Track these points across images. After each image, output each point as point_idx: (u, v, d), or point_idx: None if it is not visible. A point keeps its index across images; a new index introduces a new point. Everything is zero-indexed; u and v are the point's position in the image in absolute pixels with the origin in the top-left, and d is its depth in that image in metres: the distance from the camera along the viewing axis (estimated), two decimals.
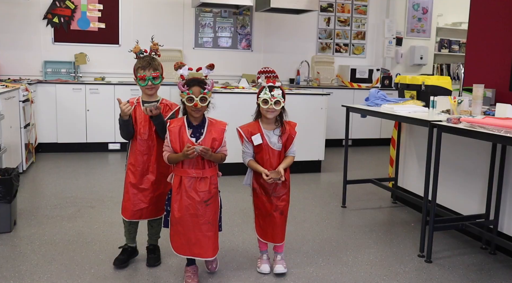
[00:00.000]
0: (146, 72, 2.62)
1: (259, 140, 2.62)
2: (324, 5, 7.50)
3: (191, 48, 6.92)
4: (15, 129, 4.67)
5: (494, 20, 3.86)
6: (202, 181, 2.47)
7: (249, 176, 2.73)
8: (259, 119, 2.70)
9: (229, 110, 4.88)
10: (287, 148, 2.68)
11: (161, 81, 2.69)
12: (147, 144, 2.67)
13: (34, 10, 6.20)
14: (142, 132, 2.66)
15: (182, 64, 2.45)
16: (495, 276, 2.80)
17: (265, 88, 2.62)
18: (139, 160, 2.68)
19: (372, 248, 3.19)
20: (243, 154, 2.69)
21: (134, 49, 2.70)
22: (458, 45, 8.32)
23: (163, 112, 2.67)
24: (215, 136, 2.49)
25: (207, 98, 2.45)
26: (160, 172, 2.71)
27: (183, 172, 2.47)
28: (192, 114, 2.47)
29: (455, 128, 2.78)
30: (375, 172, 5.38)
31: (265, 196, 2.68)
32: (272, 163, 2.64)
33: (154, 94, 2.73)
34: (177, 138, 2.45)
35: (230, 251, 3.04)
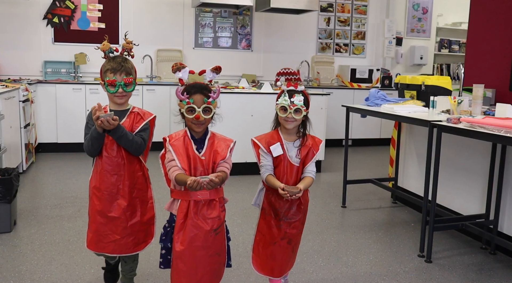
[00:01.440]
0: (116, 76, 2.18)
1: (279, 150, 2.22)
2: (324, 5, 7.50)
3: (191, 48, 6.91)
4: (15, 129, 4.67)
5: (494, 20, 3.86)
6: (211, 205, 2.01)
7: (259, 196, 2.32)
8: (278, 128, 2.28)
9: (229, 110, 4.89)
10: (305, 165, 2.24)
11: (134, 88, 2.26)
12: (116, 163, 2.21)
13: (34, 10, 6.20)
14: (109, 148, 2.20)
15: (182, 65, 2.03)
16: (495, 276, 2.80)
17: (284, 93, 2.20)
18: (106, 182, 2.21)
19: (372, 248, 3.19)
20: (261, 168, 2.25)
21: (103, 47, 2.24)
22: (458, 45, 8.32)
23: (133, 123, 2.25)
24: (218, 150, 2.05)
25: (211, 109, 2.00)
26: (134, 197, 2.25)
27: (185, 195, 1.99)
28: (193, 128, 2.03)
29: (455, 128, 2.79)
30: (375, 172, 5.38)
31: (274, 219, 2.24)
32: (288, 181, 2.21)
33: (124, 103, 2.28)
34: (184, 154, 2.00)
35: (230, 251, 3.03)
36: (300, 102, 2.16)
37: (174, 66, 2.03)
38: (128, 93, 2.24)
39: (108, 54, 2.24)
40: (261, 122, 4.98)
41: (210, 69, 2.07)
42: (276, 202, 2.23)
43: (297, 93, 2.18)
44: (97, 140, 2.16)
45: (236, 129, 4.88)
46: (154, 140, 2.37)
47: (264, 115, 5.00)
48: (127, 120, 2.25)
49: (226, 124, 4.78)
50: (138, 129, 2.25)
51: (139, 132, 2.24)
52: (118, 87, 2.19)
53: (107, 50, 2.25)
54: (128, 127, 2.22)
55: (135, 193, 2.26)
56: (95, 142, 2.16)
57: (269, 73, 7.16)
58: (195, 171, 2.00)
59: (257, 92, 5.15)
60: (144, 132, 2.26)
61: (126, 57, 2.27)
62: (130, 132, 2.19)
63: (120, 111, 2.26)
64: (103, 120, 2.03)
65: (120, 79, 2.19)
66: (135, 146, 2.19)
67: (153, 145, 2.44)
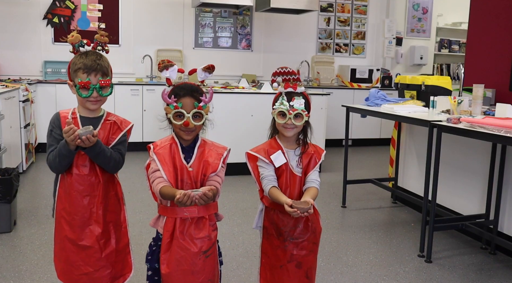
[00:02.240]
0: (91, 78, 1.80)
1: (282, 159, 1.92)
2: (324, 5, 7.50)
3: (191, 48, 6.91)
4: (15, 129, 4.67)
5: (494, 20, 3.86)
6: (199, 223, 1.75)
7: (260, 217, 2.03)
8: (275, 136, 2.00)
9: (229, 110, 4.89)
10: (307, 173, 1.99)
11: (111, 92, 1.87)
12: (88, 182, 1.85)
13: (34, 10, 6.20)
14: (81, 164, 1.84)
15: (170, 63, 1.74)
16: (495, 276, 2.80)
17: (281, 96, 1.91)
18: (77, 204, 1.85)
19: (372, 248, 3.20)
20: (263, 181, 1.92)
21: (71, 39, 1.84)
22: (458, 45, 8.32)
23: (109, 134, 1.90)
24: (209, 160, 1.78)
25: (203, 114, 1.75)
26: (108, 221, 1.91)
27: (170, 211, 1.74)
28: (181, 136, 1.78)
29: (455, 128, 2.79)
30: (375, 172, 5.38)
31: (278, 239, 1.94)
32: (292, 194, 1.94)
33: (97, 109, 1.91)
34: (170, 164, 1.75)
35: (230, 250, 3.04)
36: (300, 106, 1.88)
37: (161, 64, 1.74)
38: (104, 98, 1.87)
39: (78, 49, 1.85)
40: (261, 122, 4.97)
41: (201, 68, 1.79)
42: (279, 219, 1.93)
43: (297, 95, 1.90)
44: (67, 158, 1.79)
45: (236, 129, 4.89)
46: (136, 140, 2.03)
47: (264, 115, 4.99)
48: (102, 131, 1.88)
49: (226, 124, 4.83)
50: (115, 141, 1.90)
51: (116, 146, 1.90)
52: (92, 91, 1.81)
53: (76, 43, 1.85)
54: (103, 140, 1.87)
55: (108, 217, 1.91)
56: (64, 160, 1.79)
57: (269, 73, 7.09)
58: (182, 183, 1.75)
59: (257, 92, 5.15)
60: (122, 145, 1.92)
61: (101, 53, 1.88)
62: (107, 147, 1.85)
63: (92, 119, 1.88)
64: (84, 139, 1.69)
65: (95, 81, 1.81)
66: (113, 164, 1.86)
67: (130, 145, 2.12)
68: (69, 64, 1.86)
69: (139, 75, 6.64)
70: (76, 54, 1.86)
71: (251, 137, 5.05)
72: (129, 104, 6.02)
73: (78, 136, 1.69)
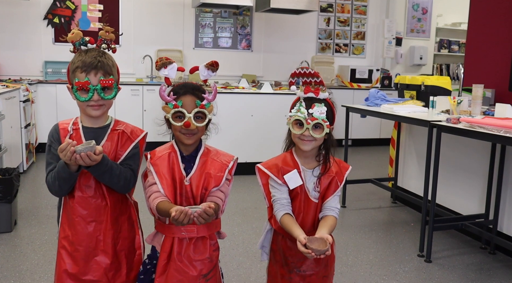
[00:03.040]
0: (90, 77, 1.54)
1: (297, 180, 1.63)
2: (324, 5, 7.51)
3: (191, 48, 6.92)
4: (15, 129, 4.68)
5: (494, 20, 3.86)
6: (199, 243, 1.57)
7: (267, 238, 1.77)
8: (292, 149, 1.71)
9: (229, 110, 4.90)
10: (326, 198, 1.67)
11: (115, 94, 1.60)
12: (94, 205, 1.60)
13: (34, 10, 6.21)
14: (84, 184, 1.59)
15: (168, 60, 1.57)
16: (495, 276, 2.81)
17: (300, 102, 1.62)
18: (81, 232, 1.59)
19: (372, 248, 3.20)
20: (274, 204, 1.65)
21: (72, 36, 1.59)
22: (457, 45, 8.33)
23: (117, 147, 1.62)
24: (211, 172, 1.57)
25: (206, 114, 1.57)
26: (119, 250, 1.65)
27: (168, 229, 1.56)
28: (181, 140, 1.58)
29: (454, 128, 2.79)
30: (375, 172, 5.38)
31: (283, 268, 1.69)
32: (305, 222, 1.66)
33: (102, 117, 1.64)
34: (168, 176, 1.56)
35: (230, 250, 3.05)
36: (321, 114, 1.58)
37: (159, 61, 1.56)
38: (107, 102, 1.59)
39: (79, 47, 1.61)
40: (261, 123, 5.01)
41: (204, 65, 1.61)
42: (286, 248, 1.68)
43: (319, 102, 1.60)
44: (68, 181, 1.53)
45: (236, 129, 4.89)
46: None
47: (264, 115, 5.03)
48: (108, 143, 1.62)
49: (226, 124, 4.83)
50: (125, 155, 1.62)
51: (126, 161, 1.62)
52: (92, 93, 1.54)
53: (77, 41, 1.60)
54: (110, 153, 1.60)
55: (119, 245, 1.65)
56: (65, 184, 1.54)
57: (269, 73, 7.17)
58: (182, 198, 1.57)
59: (257, 92, 5.16)
60: (133, 160, 1.64)
61: (104, 51, 1.65)
62: (115, 164, 1.57)
63: (97, 129, 1.63)
64: (82, 156, 1.42)
65: (95, 81, 1.54)
66: (123, 183, 1.58)
67: None
68: (68, 66, 1.62)
69: (139, 75, 6.66)
70: (77, 52, 1.62)
71: (251, 137, 5.08)
72: (129, 104, 6.02)
73: (76, 154, 1.42)
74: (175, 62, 1.58)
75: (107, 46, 1.65)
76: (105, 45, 1.65)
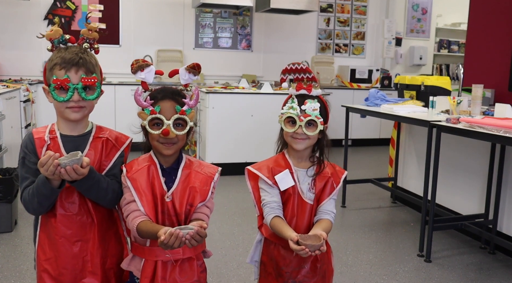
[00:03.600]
0: (70, 74, 1.36)
1: (288, 181, 1.54)
2: (323, 5, 7.51)
3: (191, 48, 6.93)
4: (16, 129, 4.68)
5: (493, 20, 3.87)
6: (185, 266, 1.43)
7: (257, 250, 1.67)
8: (284, 151, 1.63)
9: (229, 110, 4.91)
10: (320, 201, 1.57)
11: (98, 96, 1.45)
12: (79, 223, 1.43)
13: (35, 10, 6.21)
14: (67, 201, 1.42)
15: (145, 62, 1.45)
16: (494, 276, 2.81)
17: (292, 99, 1.55)
18: (65, 254, 1.42)
19: (371, 247, 3.21)
20: (264, 208, 1.55)
21: (50, 33, 1.42)
22: (457, 46, 8.34)
23: (102, 156, 1.46)
24: (196, 186, 1.42)
25: (187, 121, 1.41)
26: (109, 268, 1.50)
27: (149, 252, 1.40)
28: (160, 150, 1.41)
29: (454, 128, 2.80)
30: (375, 172, 5.39)
31: (277, 280, 1.57)
32: (299, 226, 1.56)
33: (82, 121, 1.46)
34: (148, 192, 1.39)
35: (230, 250, 3.05)
36: (315, 111, 1.52)
37: (135, 64, 1.44)
38: (89, 103, 1.42)
39: (57, 46, 1.43)
40: (261, 123, 5.01)
41: (185, 68, 1.43)
42: (280, 256, 1.55)
43: (311, 99, 1.54)
44: (50, 198, 1.35)
45: (236, 129, 4.90)
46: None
47: (264, 116, 5.03)
48: (92, 152, 1.44)
49: (226, 124, 4.84)
50: (110, 165, 1.46)
51: (112, 171, 1.46)
52: (72, 92, 1.36)
53: (56, 39, 1.42)
54: (94, 164, 1.43)
55: (108, 263, 1.49)
56: (46, 201, 1.35)
57: (269, 73, 7.17)
58: (164, 216, 1.40)
59: (257, 92, 5.17)
60: (118, 168, 1.49)
61: (86, 49, 1.47)
62: (102, 176, 1.41)
63: (77, 137, 1.45)
64: (68, 170, 1.25)
65: (76, 79, 1.37)
66: (111, 197, 1.42)
67: None
68: (45, 65, 1.43)
69: None
70: (56, 50, 1.44)
71: (251, 137, 5.09)
72: (130, 105, 5.99)
73: (60, 167, 1.24)
74: (152, 65, 1.45)
75: (89, 45, 1.46)
76: (87, 44, 1.46)
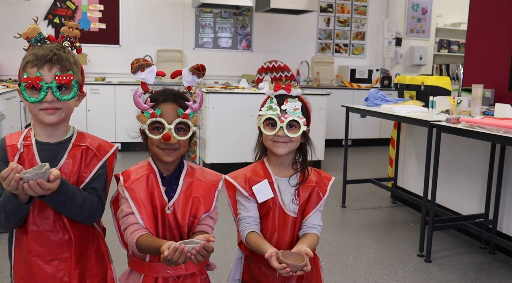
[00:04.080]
0: (43, 72, 1.23)
1: (267, 192, 1.38)
2: (323, 5, 7.51)
3: (191, 48, 6.93)
4: (16, 129, 4.68)
5: (493, 20, 3.87)
6: (188, 281, 1.34)
7: (238, 269, 1.51)
8: (264, 158, 1.49)
9: (229, 110, 4.91)
10: (306, 214, 1.43)
11: (75, 95, 1.28)
12: (54, 240, 1.29)
13: (35, 10, 6.21)
14: (40, 216, 1.28)
15: (146, 62, 1.33)
16: (494, 276, 2.81)
17: (270, 99, 1.43)
18: (39, 273, 1.29)
19: (371, 247, 3.21)
20: (240, 224, 1.42)
21: (27, 32, 1.33)
22: (457, 46, 8.34)
23: (81, 167, 1.32)
24: (200, 195, 1.33)
25: (189, 126, 1.30)
26: None
27: (149, 268, 1.31)
28: (160, 157, 1.31)
29: (454, 128, 2.80)
30: (375, 172, 5.39)
31: None
32: (281, 241, 1.41)
33: (59, 125, 1.31)
34: (148, 203, 1.29)
35: (230, 250, 3.05)
36: (296, 110, 1.36)
37: (135, 63, 1.32)
38: (65, 105, 1.26)
39: (33, 43, 1.32)
40: None
41: (188, 69, 1.32)
42: (261, 275, 1.41)
43: (291, 98, 1.40)
44: (17, 214, 1.21)
45: (236, 129, 4.90)
46: None
47: None
48: (69, 162, 1.30)
49: (226, 124, 4.84)
50: (90, 177, 1.32)
51: (91, 184, 1.32)
52: (45, 92, 1.22)
53: (33, 38, 1.30)
54: (72, 176, 1.29)
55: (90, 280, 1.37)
56: (14, 216, 1.22)
57: None
58: (165, 229, 1.30)
59: (257, 92, 5.16)
60: (99, 181, 1.34)
61: (65, 46, 1.33)
62: (77, 189, 1.27)
63: (54, 145, 1.31)
64: (31, 185, 1.11)
65: (49, 77, 1.23)
66: (88, 213, 1.28)
67: None
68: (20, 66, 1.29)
69: None
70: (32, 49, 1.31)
71: (251, 137, 5.06)
72: (130, 105, 6.01)
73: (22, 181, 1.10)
74: (153, 65, 1.33)
75: (70, 44, 1.33)
76: (67, 42, 1.32)
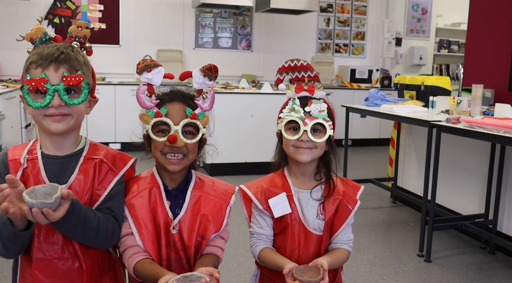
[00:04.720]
0: (48, 73, 1.08)
1: (284, 207, 1.26)
2: (323, 5, 7.52)
3: (191, 48, 6.93)
4: (16, 130, 4.68)
5: (493, 20, 3.87)
6: None
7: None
8: (284, 168, 1.34)
9: (229, 110, 4.90)
10: (335, 230, 1.33)
11: (85, 98, 1.15)
12: (63, 269, 1.12)
13: (35, 10, 6.21)
14: (46, 241, 1.11)
15: (153, 62, 1.20)
16: (494, 276, 2.81)
17: (292, 100, 1.25)
18: None
19: (371, 247, 3.21)
20: (251, 239, 1.35)
21: (31, 33, 1.18)
22: (457, 46, 8.34)
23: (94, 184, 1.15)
24: (209, 213, 1.20)
25: (199, 128, 1.17)
26: None
27: None
28: (164, 165, 1.17)
29: (454, 128, 2.80)
30: (375, 172, 5.39)
31: None
32: (301, 257, 1.27)
33: (70, 136, 1.18)
34: (149, 221, 1.15)
35: (230, 250, 3.05)
36: (322, 113, 1.21)
37: (141, 63, 1.20)
38: (74, 110, 1.12)
39: (38, 44, 1.18)
40: (261, 123, 5.01)
41: (200, 70, 1.16)
42: None
43: (315, 101, 1.24)
44: (15, 241, 1.04)
45: (236, 129, 4.90)
46: None
47: (264, 116, 5.03)
48: (81, 178, 1.14)
49: (226, 124, 4.84)
50: (105, 195, 1.14)
51: (106, 203, 1.15)
52: (51, 95, 1.06)
53: (37, 39, 1.16)
54: (84, 194, 1.13)
55: None
56: (12, 244, 1.05)
57: (269, 73, 7.17)
58: (169, 250, 1.17)
59: (257, 92, 5.17)
60: (116, 199, 1.17)
61: (73, 45, 1.23)
62: (91, 210, 1.10)
63: (63, 159, 1.15)
64: (34, 213, 0.94)
65: (55, 79, 1.07)
66: (103, 238, 1.12)
67: None
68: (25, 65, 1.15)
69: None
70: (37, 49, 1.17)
71: (251, 137, 5.08)
72: (130, 105, 6.02)
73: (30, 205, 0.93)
74: (161, 66, 1.20)
75: (79, 44, 1.21)
76: (76, 43, 1.21)
